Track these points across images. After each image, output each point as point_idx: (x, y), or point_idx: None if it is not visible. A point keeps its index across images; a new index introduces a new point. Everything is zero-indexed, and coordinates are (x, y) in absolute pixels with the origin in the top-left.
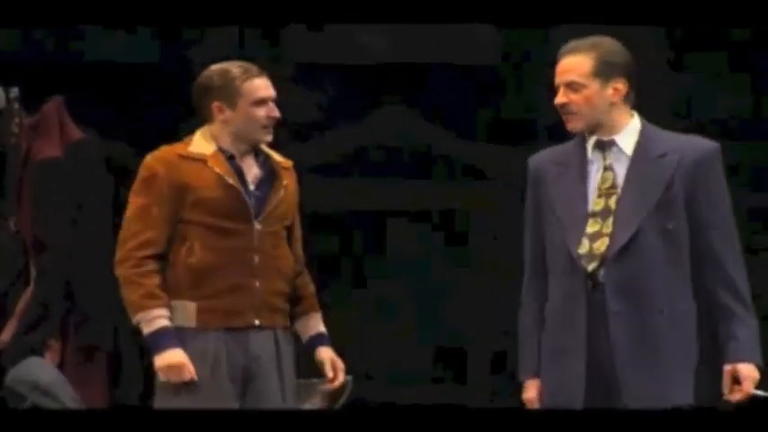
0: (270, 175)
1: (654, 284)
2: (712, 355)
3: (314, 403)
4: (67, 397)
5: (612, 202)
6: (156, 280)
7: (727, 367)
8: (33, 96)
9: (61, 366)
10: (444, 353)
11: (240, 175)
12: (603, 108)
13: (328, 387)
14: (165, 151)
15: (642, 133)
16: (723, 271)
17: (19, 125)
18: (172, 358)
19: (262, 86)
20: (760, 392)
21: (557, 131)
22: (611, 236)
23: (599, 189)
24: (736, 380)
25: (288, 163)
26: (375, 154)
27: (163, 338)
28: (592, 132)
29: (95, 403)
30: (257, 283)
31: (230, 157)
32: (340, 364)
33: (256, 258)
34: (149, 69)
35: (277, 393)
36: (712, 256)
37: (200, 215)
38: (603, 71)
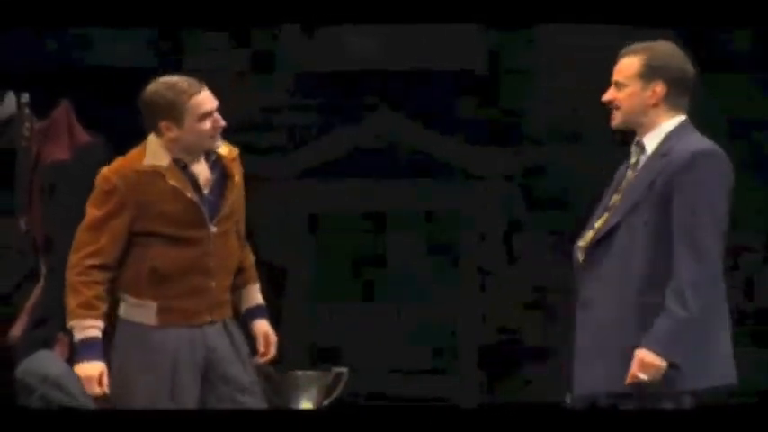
0: (221, 176)
1: (619, 275)
2: None
3: (311, 393)
4: (76, 389)
5: (619, 197)
6: (96, 290)
7: (635, 351)
8: (43, 102)
9: (70, 359)
10: (435, 347)
11: (195, 184)
12: (641, 108)
13: (259, 360)
14: (122, 165)
15: (668, 135)
16: (676, 273)
17: (30, 129)
18: (87, 370)
19: (205, 101)
20: (644, 377)
21: (543, 133)
22: (599, 228)
23: (619, 186)
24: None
25: (233, 153)
26: (368, 156)
27: (86, 349)
28: (634, 131)
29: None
30: (212, 284)
31: (184, 167)
32: (273, 338)
33: (212, 262)
34: (152, 74)
35: (239, 371)
36: (674, 258)
37: (159, 226)
38: (646, 73)
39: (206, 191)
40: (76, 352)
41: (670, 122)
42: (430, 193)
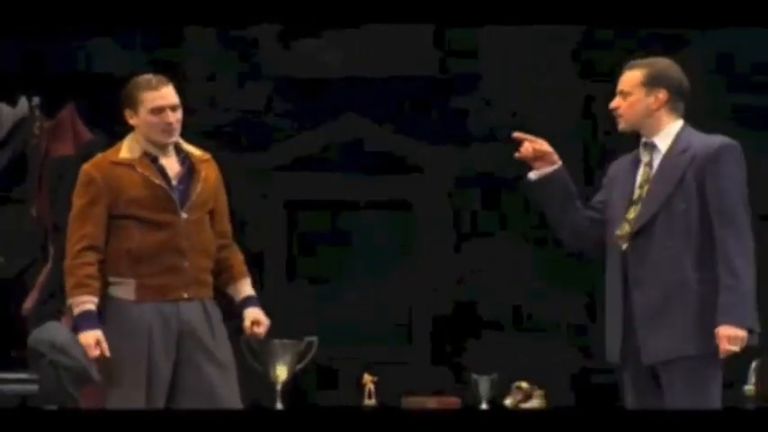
0: (189, 169)
1: (667, 257)
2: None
3: (286, 359)
4: (79, 354)
5: (645, 191)
6: (86, 270)
7: (716, 330)
8: (51, 104)
9: (75, 329)
10: (394, 319)
11: (164, 174)
12: (645, 113)
13: (253, 338)
14: (100, 159)
15: (677, 135)
16: (722, 250)
17: (39, 128)
18: (86, 339)
19: (158, 97)
20: (734, 348)
21: (488, 135)
22: (636, 218)
23: (639, 182)
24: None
25: (206, 156)
26: (336, 153)
27: (83, 321)
28: (639, 134)
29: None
30: (186, 264)
31: (154, 160)
32: (263, 320)
33: (184, 243)
34: None
35: (208, 343)
36: (717, 238)
37: (134, 211)
38: (649, 82)
39: (175, 181)
40: (76, 325)
41: (675, 124)
42: (390, 185)
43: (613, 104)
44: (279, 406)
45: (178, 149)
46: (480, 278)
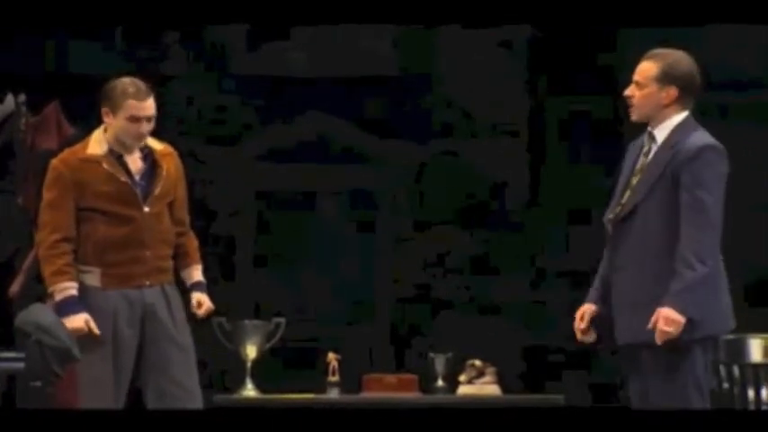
0: (151, 165)
1: (644, 245)
2: None
3: (255, 339)
4: (63, 334)
5: (637, 179)
6: (65, 259)
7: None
8: (37, 101)
9: (58, 313)
10: (355, 301)
11: (128, 170)
12: (655, 106)
13: (196, 313)
14: (68, 154)
15: (674, 129)
16: (682, 240)
17: (25, 124)
18: (74, 323)
19: (141, 107)
20: (669, 329)
21: (444, 129)
22: (624, 205)
23: (636, 169)
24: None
25: (168, 149)
26: (302, 145)
27: (68, 306)
28: (647, 124)
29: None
30: (148, 253)
31: (119, 156)
32: (206, 303)
33: (146, 235)
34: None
35: (169, 325)
36: (681, 227)
37: (99, 205)
38: (662, 78)
39: (137, 177)
40: (60, 310)
41: (676, 117)
42: (352, 176)
43: (628, 92)
44: (248, 382)
45: (141, 146)
46: (438, 262)
